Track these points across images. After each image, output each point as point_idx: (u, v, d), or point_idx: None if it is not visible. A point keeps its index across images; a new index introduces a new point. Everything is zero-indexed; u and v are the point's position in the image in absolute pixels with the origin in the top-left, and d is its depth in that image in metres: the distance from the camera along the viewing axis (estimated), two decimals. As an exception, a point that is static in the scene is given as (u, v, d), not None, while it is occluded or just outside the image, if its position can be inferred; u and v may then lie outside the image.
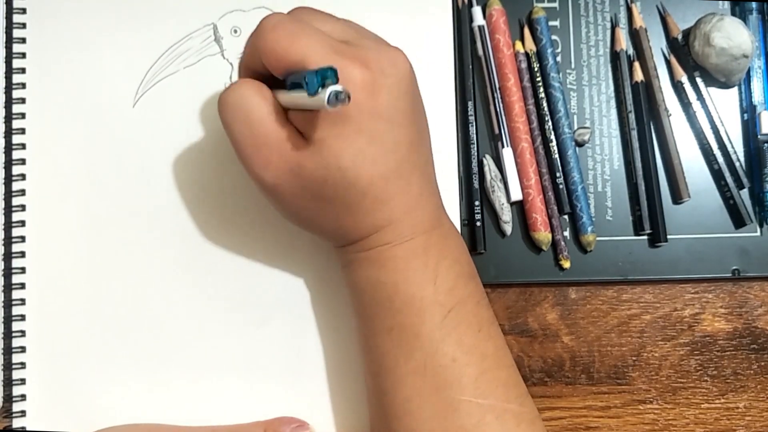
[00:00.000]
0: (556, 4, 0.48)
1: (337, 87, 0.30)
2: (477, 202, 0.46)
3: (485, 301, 0.39)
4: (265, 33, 0.35)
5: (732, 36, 0.46)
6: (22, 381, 0.43)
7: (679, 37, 0.48)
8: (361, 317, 0.39)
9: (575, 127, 0.47)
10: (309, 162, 0.35)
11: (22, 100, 0.45)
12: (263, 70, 0.36)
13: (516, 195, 0.46)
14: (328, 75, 0.31)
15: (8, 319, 0.43)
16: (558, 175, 0.46)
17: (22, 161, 0.44)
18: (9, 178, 0.44)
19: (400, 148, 0.36)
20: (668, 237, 0.46)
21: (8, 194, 0.44)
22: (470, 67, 0.47)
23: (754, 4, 0.48)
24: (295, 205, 0.37)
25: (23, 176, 0.44)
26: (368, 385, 0.39)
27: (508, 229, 0.46)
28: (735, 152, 0.47)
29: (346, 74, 0.33)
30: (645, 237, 0.47)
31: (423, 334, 0.36)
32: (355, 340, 0.41)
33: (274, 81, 0.37)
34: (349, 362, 0.44)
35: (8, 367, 0.43)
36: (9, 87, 0.45)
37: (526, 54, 0.47)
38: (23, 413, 0.43)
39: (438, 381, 0.36)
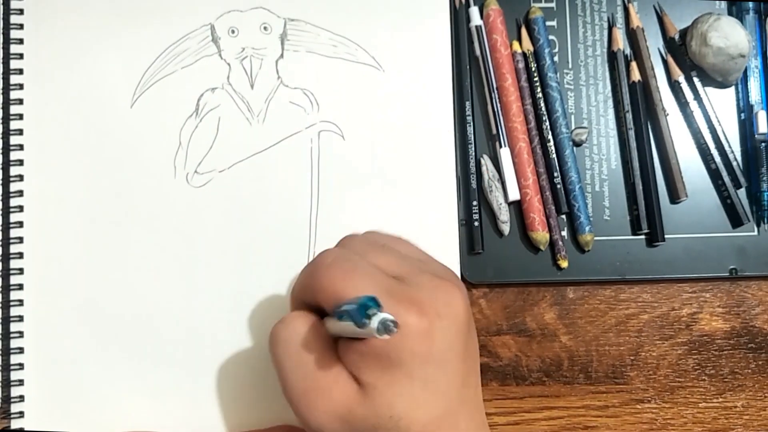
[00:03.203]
0: (553, 4, 0.48)
1: (386, 315, 0.29)
2: (475, 202, 0.46)
3: None
4: (321, 271, 0.34)
5: (729, 35, 0.46)
6: (20, 382, 0.43)
7: (676, 36, 0.48)
8: None
9: (572, 127, 0.48)
10: (359, 408, 0.33)
11: (20, 101, 0.45)
12: (315, 303, 0.35)
13: (514, 195, 0.46)
14: (369, 305, 0.30)
15: (6, 320, 0.43)
16: (555, 174, 0.46)
17: (20, 162, 0.44)
18: (7, 179, 0.44)
19: (451, 388, 0.34)
20: (666, 236, 0.46)
21: (6, 195, 0.44)
22: (468, 67, 0.47)
23: (750, 4, 0.48)
24: None
25: (21, 177, 0.44)
26: None
27: (505, 228, 0.46)
28: (732, 152, 0.47)
29: (402, 320, 0.32)
30: (642, 236, 0.47)
31: None
32: None
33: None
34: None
35: (6, 368, 0.43)
36: (6, 88, 0.45)
37: (524, 54, 0.47)
38: (21, 414, 0.43)
39: None
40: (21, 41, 0.45)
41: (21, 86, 0.45)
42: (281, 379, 0.35)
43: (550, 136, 0.47)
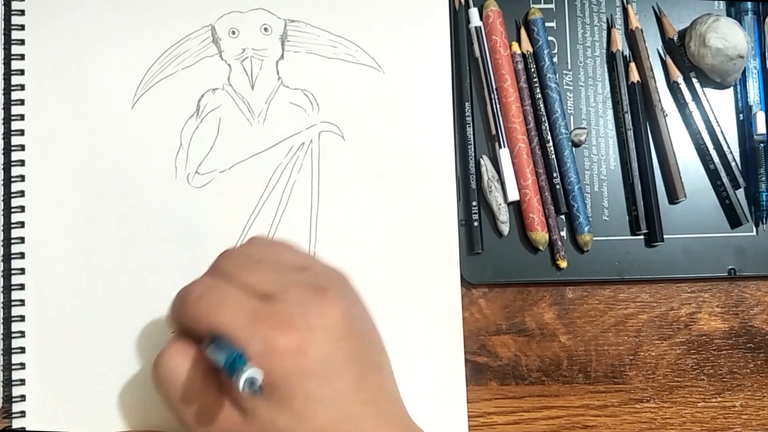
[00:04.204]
0: (552, 6, 0.48)
1: (252, 376, 0.30)
2: (474, 203, 0.46)
3: None
4: (189, 306, 0.35)
5: (727, 36, 0.46)
6: (22, 382, 0.43)
7: (675, 37, 0.48)
8: None
9: (572, 128, 0.48)
10: None
11: (21, 102, 0.45)
12: (189, 329, 0.36)
13: (513, 195, 0.46)
14: (236, 362, 0.30)
15: (8, 320, 0.43)
16: (555, 175, 0.46)
17: (21, 162, 0.44)
18: (8, 180, 0.44)
19: (342, 395, 0.34)
20: (664, 237, 0.46)
21: (7, 195, 0.44)
22: (467, 68, 0.47)
23: (749, 5, 0.48)
24: None
25: (22, 177, 0.44)
26: None
27: (505, 229, 0.46)
28: (731, 152, 0.47)
29: (268, 342, 0.32)
30: (641, 237, 0.47)
31: None
32: None
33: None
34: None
35: (8, 367, 0.43)
36: (8, 88, 0.45)
37: (523, 55, 0.48)
38: (23, 414, 0.43)
39: None
40: (22, 42, 0.45)
41: (22, 87, 0.45)
42: (169, 411, 0.36)
43: (549, 137, 0.47)
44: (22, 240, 0.44)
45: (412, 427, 0.37)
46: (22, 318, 0.43)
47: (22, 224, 0.44)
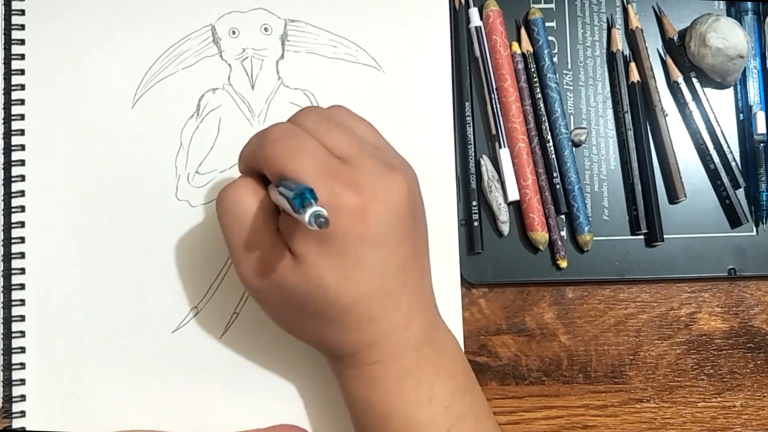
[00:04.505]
0: (552, 5, 0.48)
1: (319, 210, 0.30)
2: (474, 202, 0.46)
3: (485, 412, 0.38)
4: (267, 144, 0.35)
5: (727, 36, 0.46)
6: (22, 381, 0.43)
7: (675, 37, 0.48)
8: (359, 428, 0.39)
9: (572, 128, 0.48)
10: (291, 276, 0.35)
11: (22, 102, 0.45)
12: (260, 170, 0.36)
13: (513, 195, 0.46)
14: (306, 196, 0.31)
15: (8, 320, 0.43)
16: (555, 175, 0.46)
17: (22, 162, 0.44)
18: (8, 179, 0.44)
19: (387, 270, 0.35)
20: (665, 236, 0.46)
21: (8, 195, 0.44)
22: (467, 68, 0.47)
23: (749, 5, 0.48)
24: (278, 313, 0.38)
25: (23, 177, 0.44)
26: None
27: (505, 229, 0.46)
28: (731, 152, 0.47)
29: (336, 198, 0.33)
30: (641, 237, 0.47)
31: None
32: None
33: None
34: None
35: (8, 367, 0.43)
36: (8, 88, 0.45)
37: (523, 55, 0.48)
38: (23, 414, 0.43)
39: None
40: (22, 42, 0.45)
41: (23, 87, 0.45)
42: (226, 241, 0.37)
43: (549, 137, 0.47)
44: (22, 240, 0.44)
45: (438, 318, 0.39)
46: (22, 318, 0.43)
47: (22, 224, 0.44)
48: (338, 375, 0.39)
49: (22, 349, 0.43)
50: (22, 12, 0.45)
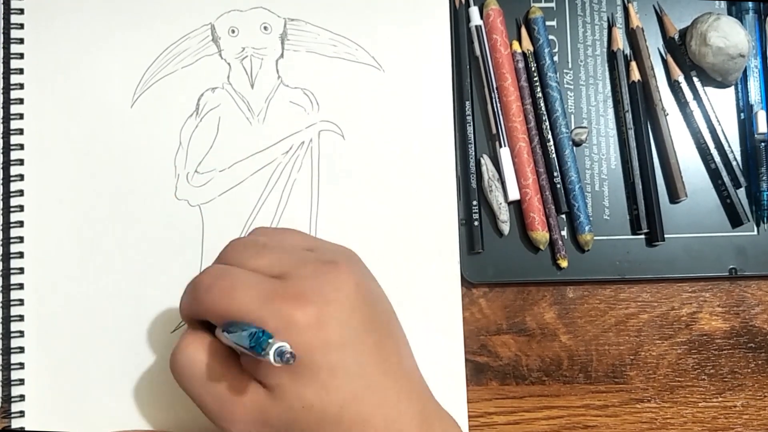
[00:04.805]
0: (553, 4, 0.48)
1: (281, 345, 0.30)
2: (475, 202, 0.46)
3: None
4: (201, 295, 0.35)
5: (728, 35, 0.46)
6: (21, 381, 0.43)
7: (676, 36, 0.48)
8: None
9: (572, 127, 0.48)
10: (272, 409, 0.34)
11: (20, 101, 0.45)
12: (203, 318, 0.36)
13: (513, 194, 0.46)
14: (260, 337, 0.30)
15: (7, 320, 0.43)
16: (555, 174, 0.46)
17: (20, 162, 0.44)
18: (7, 179, 0.44)
19: (364, 365, 0.34)
20: (665, 236, 0.46)
21: (6, 195, 0.44)
22: (467, 66, 0.47)
23: (750, 4, 0.48)
24: None
25: (21, 177, 0.44)
26: None
27: (505, 228, 0.46)
28: (732, 151, 0.47)
29: (288, 318, 0.32)
30: (642, 236, 0.47)
31: None
32: None
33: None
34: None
35: (7, 367, 0.43)
36: (7, 87, 0.45)
37: (524, 54, 0.47)
38: (22, 413, 0.43)
39: None
40: (21, 41, 0.45)
41: (21, 86, 0.45)
42: (195, 402, 0.36)
43: (549, 136, 0.47)
44: (21, 239, 0.44)
45: (431, 399, 0.37)
46: (21, 317, 0.43)
47: (21, 223, 0.44)
48: None
49: (21, 349, 0.43)
50: (21, 11, 0.45)
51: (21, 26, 0.45)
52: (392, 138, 0.46)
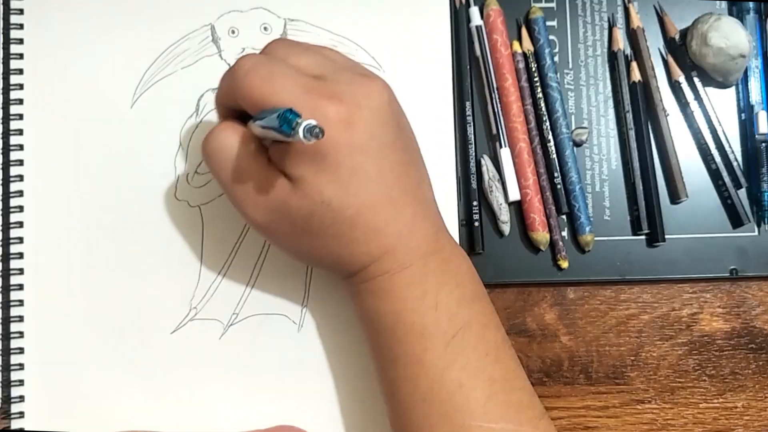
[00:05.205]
0: (553, 4, 0.48)
1: (309, 122, 0.30)
2: (475, 202, 0.46)
3: (494, 323, 0.39)
4: (240, 78, 0.35)
5: (729, 36, 0.46)
6: (21, 382, 0.43)
7: (677, 36, 0.48)
8: (370, 347, 0.39)
9: (573, 127, 0.48)
10: (293, 200, 0.35)
11: (20, 101, 0.45)
12: (238, 106, 0.37)
13: (514, 195, 0.46)
14: (289, 116, 0.31)
15: (6, 321, 0.43)
16: (556, 175, 0.46)
17: (20, 162, 0.44)
18: (7, 179, 0.44)
19: (385, 177, 0.36)
20: (666, 237, 0.46)
21: (6, 195, 0.44)
22: (468, 67, 0.47)
23: (751, 4, 0.48)
24: (289, 242, 0.38)
25: (21, 177, 0.44)
26: (386, 404, 0.39)
27: (506, 229, 0.46)
28: (732, 152, 0.47)
29: (320, 112, 0.34)
30: (643, 237, 0.47)
31: (426, 362, 0.36)
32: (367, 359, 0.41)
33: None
34: (348, 369, 0.44)
35: (6, 368, 0.43)
36: (6, 88, 0.45)
37: (524, 54, 0.47)
38: (22, 414, 0.43)
39: (446, 408, 0.36)
40: (21, 41, 0.45)
41: (21, 86, 0.45)
42: (221, 186, 0.38)
43: (550, 137, 0.47)
44: (20, 240, 0.44)
45: (445, 230, 0.39)
46: (20, 318, 0.43)
47: (20, 224, 0.44)
48: (351, 292, 0.39)
49: (21, 350, 0.43)
50: (21, 11, 0.45)
51: (21, 26, 0.45)
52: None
